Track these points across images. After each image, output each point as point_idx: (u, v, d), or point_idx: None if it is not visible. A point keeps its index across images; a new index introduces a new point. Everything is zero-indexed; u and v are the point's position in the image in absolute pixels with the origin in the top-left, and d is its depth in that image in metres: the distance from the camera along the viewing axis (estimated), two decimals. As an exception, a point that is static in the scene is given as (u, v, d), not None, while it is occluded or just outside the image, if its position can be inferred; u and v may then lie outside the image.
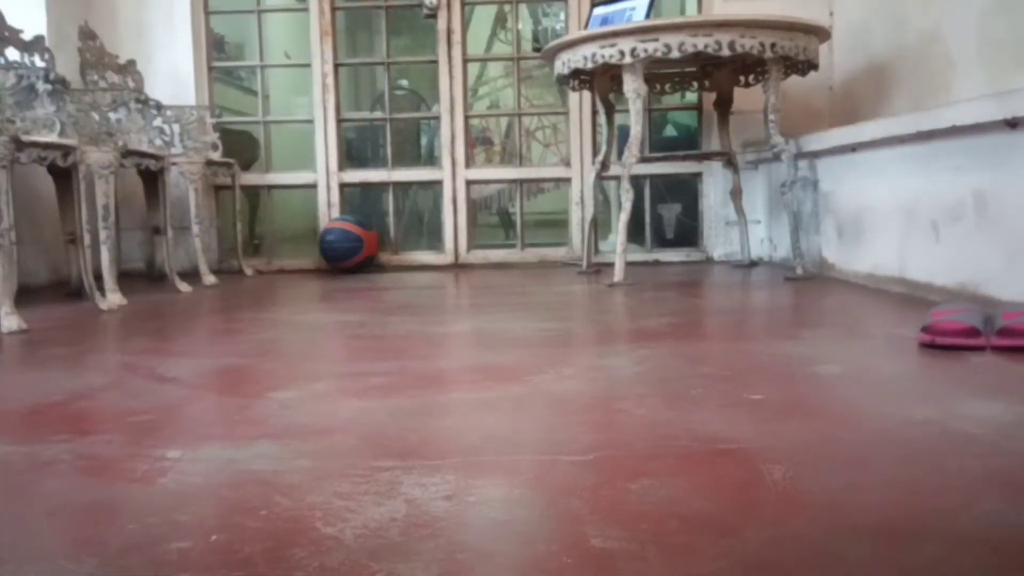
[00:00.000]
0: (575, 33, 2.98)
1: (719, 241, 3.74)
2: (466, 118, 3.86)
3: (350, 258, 3.56)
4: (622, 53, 2.71)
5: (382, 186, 3.89)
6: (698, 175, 3.78)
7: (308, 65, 3.84)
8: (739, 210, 3.39)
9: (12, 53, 2.54)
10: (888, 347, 1.61)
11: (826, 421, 1.08)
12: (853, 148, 2.57)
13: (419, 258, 3.88)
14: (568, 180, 3.85)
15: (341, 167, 3.85)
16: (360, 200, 4.01)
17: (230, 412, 1.22)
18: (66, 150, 2.36)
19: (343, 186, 3.86)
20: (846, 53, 3.40)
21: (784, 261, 3.24)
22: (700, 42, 2.65)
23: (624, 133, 3.03)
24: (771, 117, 2.83)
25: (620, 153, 2.94)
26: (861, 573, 0.64)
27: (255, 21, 3.91)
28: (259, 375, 1.50)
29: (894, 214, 2.36)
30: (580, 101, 3.77)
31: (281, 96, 4.32)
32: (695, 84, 3.41)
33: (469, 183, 3.87)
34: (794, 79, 3.00)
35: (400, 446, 1.00)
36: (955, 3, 2.52)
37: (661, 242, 3.89)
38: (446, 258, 3.85)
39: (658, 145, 3.91)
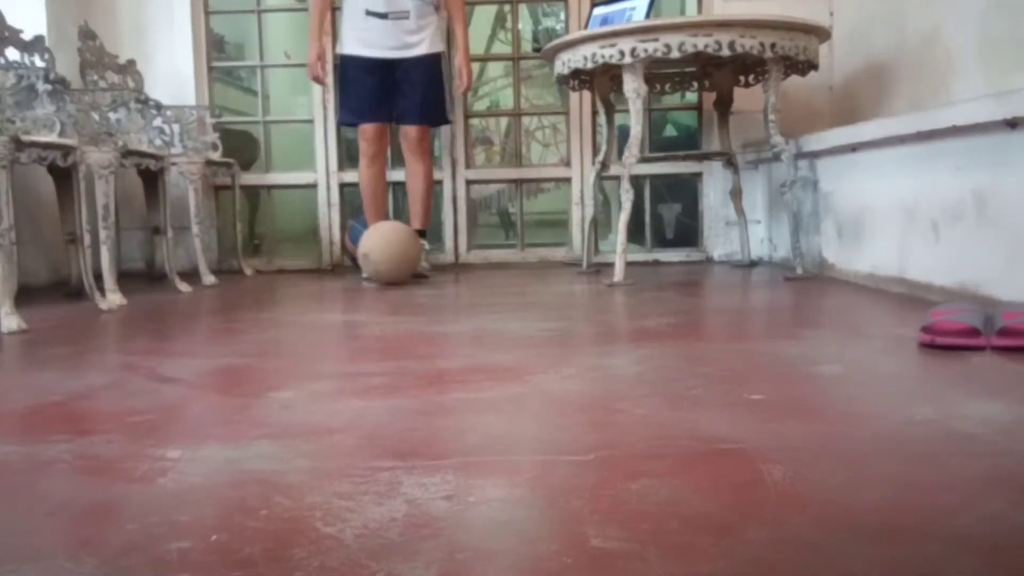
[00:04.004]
0: (575, 33, 2.98)
1: (719, 241, 3.73)
2: (466, 118, 3.86)
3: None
4: (622, 53, 2.71)
5: (382, 186, 3.88)
6: (698, 175, 3.78)
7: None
8: (739, 210, 3.39)
9: (12, 53, 2.54)
10: (888, 347, 1.61)
11: (826, 421, 1.08)
12: (853, 148, 2.57)
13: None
14: (568, 180, 3.85)
15: (341, 167, 3.85)
16: (360, 200, 4.01)
17: (230, 412, 1.22)
18: (66, 150, 2.36)
19: (343, 186, 3.85)
20: (846, 53, 3.40)
21: (784, 261, 3.24)
22: (700, 42, 2.65)
23: (624, 133, 3.03)
24: (771, 117, 2.83)
25: (620, 153, 2.94)
26: (861, 573, 0.64)
27: (255, 21, 3.91)
28: (259, 375, 1.50)
29: (894, 214, 2.36)
30: (580, 101, 3.77)
31: (281, 96, 4.33)
32: (695, 84, 3.41)
33: (469, 183, 3.87)
34: (794, 79, 3.00)
35: (400, 446, 1.00)
36: (955, 3, 2.52)
37: (661, 242, 3.89)
38: (446, 258, 3.85)
39: (658, 145, 3.91)
